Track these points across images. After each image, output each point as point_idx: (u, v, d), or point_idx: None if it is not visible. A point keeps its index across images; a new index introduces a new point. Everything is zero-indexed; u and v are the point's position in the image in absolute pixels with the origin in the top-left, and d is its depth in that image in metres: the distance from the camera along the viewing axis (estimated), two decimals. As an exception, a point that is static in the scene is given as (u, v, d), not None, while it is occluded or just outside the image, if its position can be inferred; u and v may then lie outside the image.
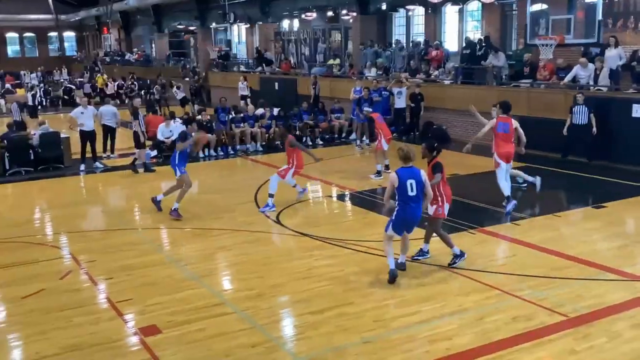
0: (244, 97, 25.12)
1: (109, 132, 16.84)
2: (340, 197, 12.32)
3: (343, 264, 8.41)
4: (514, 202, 10.63)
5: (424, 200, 7.68)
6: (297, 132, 18.72)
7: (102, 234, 10.20)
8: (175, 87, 27.41)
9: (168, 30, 43.83)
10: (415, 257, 8.47)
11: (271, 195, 11.09)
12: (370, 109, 15.60)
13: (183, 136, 11.14)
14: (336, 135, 19.31)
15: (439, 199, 8.12)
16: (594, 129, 14.07)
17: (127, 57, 46.10)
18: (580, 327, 6.38)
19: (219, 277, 8.32)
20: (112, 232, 10.21)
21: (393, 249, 7.82)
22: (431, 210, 8.13)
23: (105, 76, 36.80)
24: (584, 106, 14.29)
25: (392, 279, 7.60)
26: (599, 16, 15.57)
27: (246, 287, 7.72)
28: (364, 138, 17.94)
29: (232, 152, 17.47)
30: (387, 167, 13.88)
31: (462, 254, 8.27)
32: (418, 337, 6.24)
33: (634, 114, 13.94)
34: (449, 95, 18.57)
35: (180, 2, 37.48)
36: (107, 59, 48.13)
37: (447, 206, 8.24)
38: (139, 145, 15.12)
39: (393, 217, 7.72)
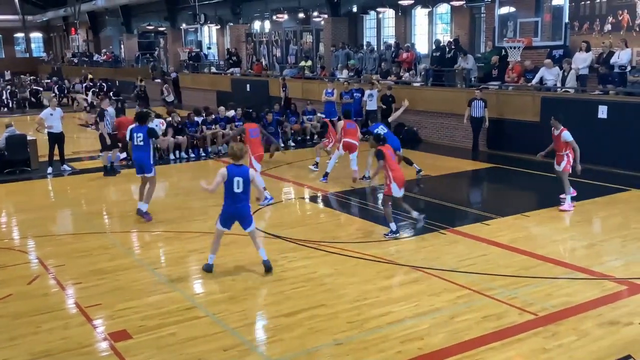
0: (168, 103, 24.83)
1: None
2: (313, 199, 12.32)
3: (316, 266, 8.41)
4: (325, 179, 13.22)
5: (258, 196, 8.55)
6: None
7: (70, 238, 10.04)
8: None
9: (137, 31, 43.41)
10: (387, 235, 9.52)
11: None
12: (323, 115, 16.25)
13: (154, 132, 10.93)
14: (308, 137, 19.32)
15: (387, 180, 9.54)
16: (486, 123, 16.01)
17: (95, 58, 45.53)
18: (549, 325, 6.47)
19: (190, 280, 8.25)
20: (81, 236, 10.05)
21: (219, 245, 8.26)
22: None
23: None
24: (480, 101, 15.95)
25: (206, 270, 8.16)
26: (566, 19, 15.85)
27: (218, 290, 7.68)
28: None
29: (203, 154, 17.37)
30: (316, 164, 14.49)
31: (396, 231, 9.50)
32: (391, 337, 6.27)
33: (599, 115, 14.22)
34: (420, 97, 18.73)
35: (149, 3, 37.15)
36: (75, 60, 47.46)
37: (395, 186, 9.51)
38: (105, 147, 14.91)
39: (221, 212, 8.15)
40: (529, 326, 6.45)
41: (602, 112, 14.17)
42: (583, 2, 16.42)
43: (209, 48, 35.92)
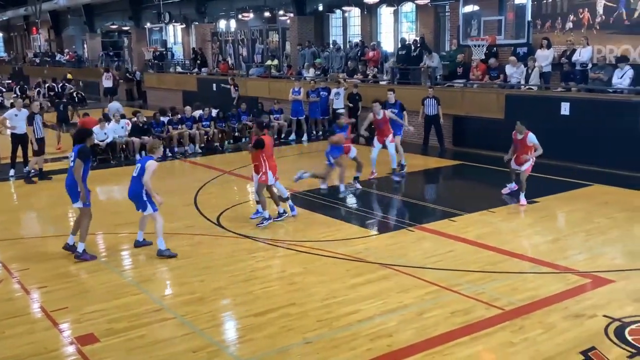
0: (108, 91, 24.92)
1: None
2: (281, 198, 12.27)
3: (285, 265, 8.41)
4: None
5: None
6: (237, 133, 18.64)
7: (34, 241, 9.85)
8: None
9: (101, 30, 42.78)
10: (276, 219, 10.21)
11: (288, 199, 10.69)
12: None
13: (86, 153, 8.78)
14: (275, 136, 19.27)
15: (263, 169, 9.98)
16: (441, 120, 16.23)
17: (57, 58, 44.71)
18: (516, 319, 6.57)
19: (158, 282, 8.17)
20: (45, 239, 9.87)
21: (142, 224, 9.27)
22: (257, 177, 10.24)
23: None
24: (432, 99, 16.07)
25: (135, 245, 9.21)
26: (529, 17, 16.08)
27: (187, 291, 7.62)
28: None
29: (170, 154, 17.20)
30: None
31: (269, 218, 10.06)
32: (360, 335, 6.30)
33: (562, 112, 14.49)
34: (387, 95, 18.80)
35: (113, 2, 36.62)
36: (37, 60, 46.54)
37: (270, 175, 9.99)
38: (35, 152, 14.28)
39: None
40: (496, 321, 6.55)
41: (565, 108, 14.44)
42: (545, 1, 16.70)
43: (170, 48, 35.57)
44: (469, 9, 17.38)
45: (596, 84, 14.78)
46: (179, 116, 18.12)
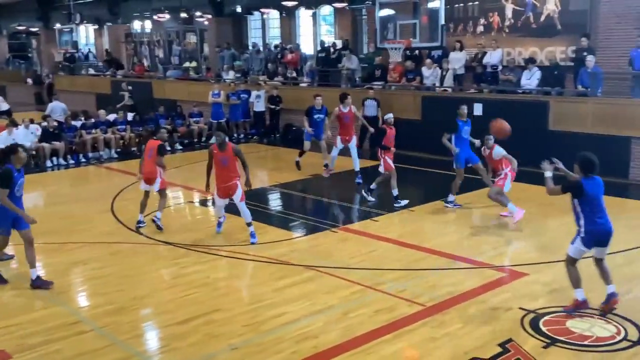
0: (3, 113, 23.74)
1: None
2: (203, 203, 12.12)
3: (209, 271, 8.29)
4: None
5: None
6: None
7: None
8: None
9: (7, 32, 40.90)
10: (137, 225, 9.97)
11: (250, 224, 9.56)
12: None
13: (3, 178, 7.49)
14: (195, 140, 18.99)
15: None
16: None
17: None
18: (436, 315, 6.73)
19: (75, 293, 7.86)
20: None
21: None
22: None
23: None
24: (373, 100, 15.99)
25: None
26: (442, 21, 16.58)
27: (106, 302, 7.36)
28: None
29: (83, 159, 16.60)
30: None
31: (159, 224, 9.82)
32: (286, 338, 6.28)
33: (475, 113, 14.98)
34: (307, 97, 18.89)
35: (20, 2, 35.04)
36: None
37: (142, 183, 10.05)
38: None
39: None
40: (418, 317, 6.69)
41: (478, 109, 14.94)
42: (457, 5, 17.25)
43: (89, 50, 34.47)
44: (385, 12, 17.74)
45: (506, 85, 15.40)
46: (93, 120, 17.53)
